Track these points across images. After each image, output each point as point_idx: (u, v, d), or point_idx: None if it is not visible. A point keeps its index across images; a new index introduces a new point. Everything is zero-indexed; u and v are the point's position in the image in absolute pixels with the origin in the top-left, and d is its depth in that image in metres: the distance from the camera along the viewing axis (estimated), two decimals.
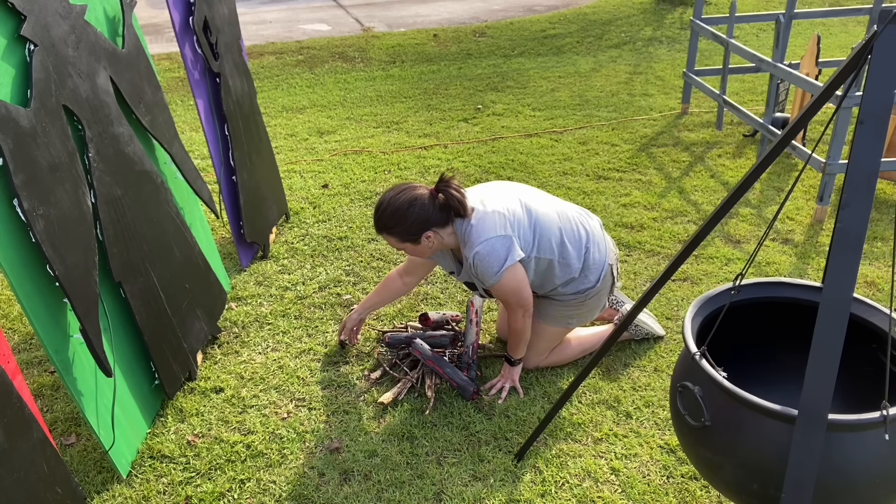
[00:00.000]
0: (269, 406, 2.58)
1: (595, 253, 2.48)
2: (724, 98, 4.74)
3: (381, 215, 2.32)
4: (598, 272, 2.50)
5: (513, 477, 2.24)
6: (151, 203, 2.53)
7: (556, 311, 2.58)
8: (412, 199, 2.28)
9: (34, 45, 2.01)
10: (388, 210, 2.30)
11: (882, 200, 3.94)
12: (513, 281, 2.33)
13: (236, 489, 2.24)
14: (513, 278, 2.33)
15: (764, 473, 1.51)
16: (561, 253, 2.42)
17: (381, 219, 2.32)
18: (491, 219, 2.31)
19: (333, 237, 3.74)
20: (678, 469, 2.25)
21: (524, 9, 9.21)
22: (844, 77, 1.39)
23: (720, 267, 3.36)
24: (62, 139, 2.06)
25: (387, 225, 2.32)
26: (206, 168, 4.60)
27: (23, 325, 3.11)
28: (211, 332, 2.87)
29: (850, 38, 7.37)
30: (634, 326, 2.79)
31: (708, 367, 1.59)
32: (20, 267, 1.91)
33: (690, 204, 3.98)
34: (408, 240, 2.33)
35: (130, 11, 2.60)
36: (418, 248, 2.37)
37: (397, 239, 2.34)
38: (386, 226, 2.32)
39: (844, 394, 1.85)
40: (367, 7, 9.60)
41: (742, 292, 1.84)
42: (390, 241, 2.37)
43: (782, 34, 4.20)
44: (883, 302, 3.00)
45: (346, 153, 4.85)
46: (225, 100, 3.23)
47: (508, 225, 2.32)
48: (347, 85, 6.40)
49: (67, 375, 2.05)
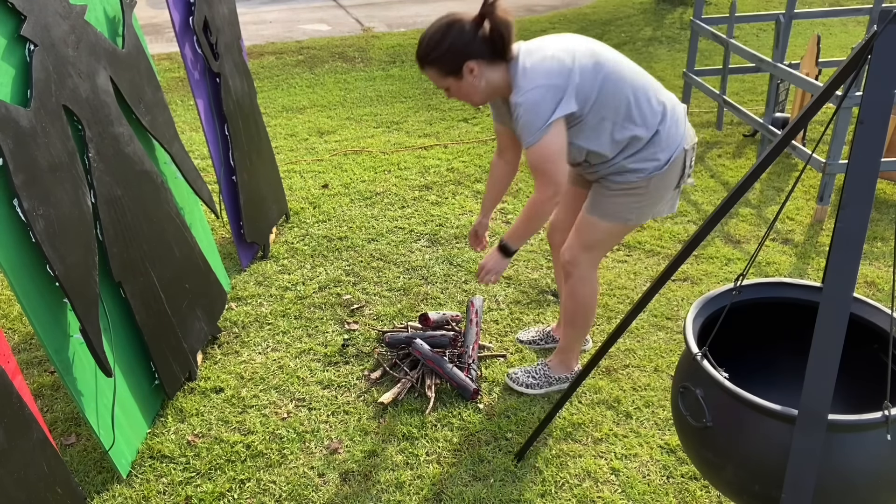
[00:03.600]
0: (269, 406, 2.58)
1: (672, 128, 2.16)
2: (724, 98, 4.74)
3: (420, 44, 2.10)
4: (671, 151, 2.16)
5: (513, 477, 2.24)
6: (151, 203, 2.53)
7: (613, 200, 2.24)
8: (450, 23, 2.05)
9: (34, 45, 2.01)
10: (426, 37, 2.08)
11: (882, 200, 3.94)
12: (553, 146, 2.04)
13: (236, 489, 2.24)
14: (553, 143, 2.04)
15: (765, 474, 1.51)
16: (627, 114, 2.12)
17: (420, 48, 2.10)
18: (549, 63, 2.03)
19: (333, 237, 3.74)
20: (678, 469, 2.25)
21: (524, 9, 9.20)
22: (844, 77, 1.39)
23: (720, 267, 3.36)
24: (62, 139, 2.06)
25: (426, 54, 2.09)
26: (206, 168, 4.60)
27: (23, 325, 3.11)
28: (211, 332, 2.87)
29: (850, 38, 7.37)
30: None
31: (709, 368, 1.59)
32: (20, 267, 1.91)
33: (690, 204, 3.98)
34: (449, 73, 2.09)
35: (130, 11, 2.60)
36: (463, 87, 2.12)
37: (437, 72, 2.11)
38: (425, 55, 2.09)
39: (844, 394, 1.84)
40: (367, 7, 9.60)
41: (743, 293, 1.83)
42: (432, 76, 2.13)
43: (782, 34, 4.20)
44: (883, 302, 3.00)
45: (346, 153, 4.85)
46: (225, 100, 3.23)
47: (567, 72, 2.03)
48: (347, 85, 6.40)
49: (67, 375, 2.05)
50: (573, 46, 2.10)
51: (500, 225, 3.81)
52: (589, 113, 2.09)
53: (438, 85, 2.16)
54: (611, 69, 2.10)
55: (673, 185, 2.24)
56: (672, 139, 2.16)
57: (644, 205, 2.25)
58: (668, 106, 2.18)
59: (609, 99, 2.09)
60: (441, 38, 2.05)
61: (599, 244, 2.34)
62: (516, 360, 2.77)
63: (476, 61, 2.06)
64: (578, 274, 2.38)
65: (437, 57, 2.07)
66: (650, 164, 2.16)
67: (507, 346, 2.86)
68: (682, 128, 2.20)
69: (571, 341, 2.55)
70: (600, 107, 2.09)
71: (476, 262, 3.45)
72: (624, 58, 2.19)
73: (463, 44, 2.03)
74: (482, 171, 4.48)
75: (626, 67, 2.15)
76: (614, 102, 2.09)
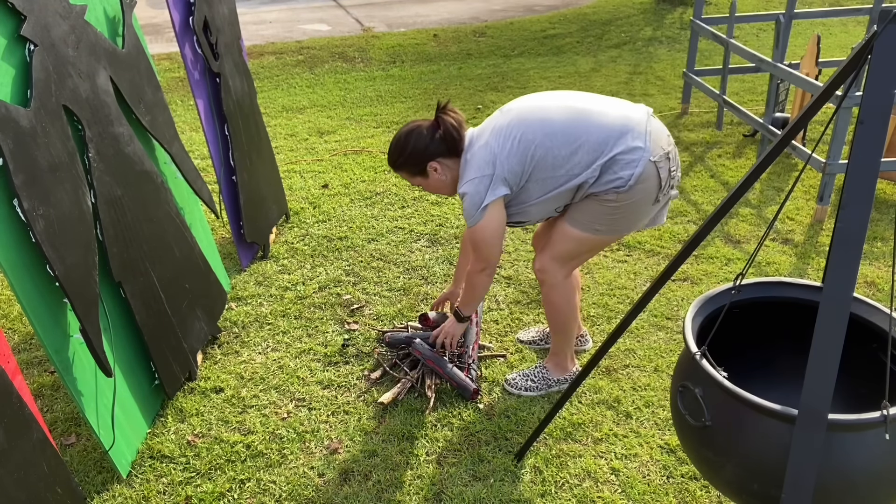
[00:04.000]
0: (269, 406, 2.58)
1: (628, 145, 2.14)
2: (724, 98, 4.74)
3: (389, 152, 2.37)
4: (632, 169, 2.14)
5: (513, 477, 2.24)
6: (151, 203, 2.53)
7: (583, 206, 2.26)
8: (410, 130, 2.32)
9: (34, 45, 2.01)
10: (392, 145, 2.35)
11: (882, 200, 3.94)
12: (487, 228, 2.24)
13: (236, 489, 2.24)
14: (488, 226, 2.23)
15: (764, 473, 1.51)
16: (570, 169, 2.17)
17: (389, 156, 2.37)
18: (480, 154, 2.22)
19: (333, 237, 3.74)
20: (678, 469, 2.25)
21: (524, 9, 9.21)
22: (844, 77, 1.39)
23: (720, 267, 3.36)
24: (62, 139, 2.06)
25: (394, 161, 2.36)
26: (206, 168, 4.60)
27: (23, 325, 3.11)
28: (211, 332, 2.87)
29: (850, 38, 7.37)
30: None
31: (708, 367, 1.59)
32: (20, 267, 1.91)
33: (690, 204, 3.98)
34: (416, 173, 2.35)
35: (130, 11, 2.60)
36: (432, 183, 2.37)
37: (407, 173, 2.37)
38: (394, 161, 2.36)
39: (844, 394, 1.84)
40: (367, 7, 9.60)
41: (742, 292, 1.83)
42: (404, 176, 2.39)
43: (782, 34, 4.20)
44: (883, 302, 3.00)
45: (346, 153, 4.85)
46: (225, 100, 3.23)
47: (493, 161, 2.20)
48: (347, 85, 6.40)
49: (67, 375, 2.05)
50: (505, 124, 2.23)
51: None
52: (528, 183, 2.23)
53: (412, 183, 2.41)
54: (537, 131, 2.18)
55: (650, 199, 2.22)
56: (631, 158, 2.15)
57: (617, 218, 2.24)
58: (618, 127, 2.17)
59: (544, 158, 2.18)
60: (404, 145, 2.31)
61: (570, 254, 2.36)
62: (516, 361, 2.77)
63: (437, 160, 2.30)
64: (549, 282, 2.41)
65: (403, 162, 2.33)
66: (614, 183, 2.17)
67: (507, 346, 2.86)
68: (643, 142, 2.16)
69: (559, 345, 2.57)
70: (536, 178, 2.21)
71: None
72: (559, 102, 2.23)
73: (423, 147, 2.29)
74: None
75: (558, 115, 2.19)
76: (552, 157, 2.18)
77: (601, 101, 2.25)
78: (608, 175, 2.16)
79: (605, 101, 2.25)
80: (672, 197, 2.31)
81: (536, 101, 2.27)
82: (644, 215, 2.27)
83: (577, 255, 2.37)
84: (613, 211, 2.22)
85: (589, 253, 2.39)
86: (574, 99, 2.25)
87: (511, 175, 2.20)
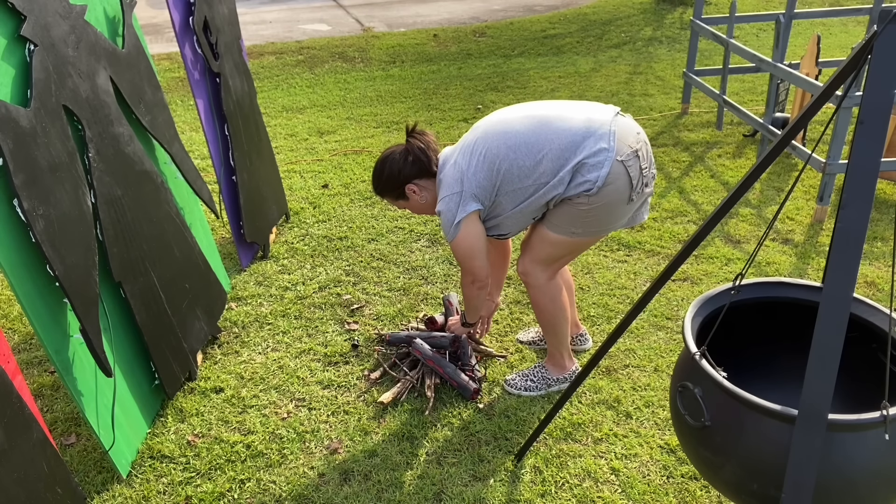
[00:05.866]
0: (269, 406, 2.58)
1: (593, 148, 2.15)
2: (724, 98, 4.74)
3: (372, 180, 2.46)
4: (598, 171, 2.14)
5: (513, 477, 2.24)
6: (151, 203, 2.53)
7: (559, 210, 2.27)
8: (385, 157, 2.40)
9: (34, 45, 2.01)
10: (373, 173, 2.43)
11: (882, 200, 3.94)
12: (464, 243, 2.30)
13: (236, 489, 2.24)
14: (464, 241, 2.29)
15: (764, 473, 1.51)
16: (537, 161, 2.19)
17: (372, 183, 2.46)
18: (450, 173, 2.29)
19: (333, 237, 3.74)
20: (678, 469, 2.25)
21: (524, 9, 9.21)
22: (844, 77, 1.39)
23: (720, 267, 3.36)
24: (62, 139, 2.06)
25: (375, 188, 2.45)
26: (206, 168, 4.60)
27: (23, 325, 3.11)
28: (211, 332, 2.87)
29: (850, 38, 7.37)
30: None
31: (708, 367, 1.59)
32: (20, 267, 1.91)
33: (690, 204, 3.98)
34: (397, 197, 2.42)
35: (130, 11, 2.60)
36: (413, 204, 2.44)
37: (390, 198, 2.45)
38: (375, 188, 2.45)
39: (844, 394, 1.84)
40: (367, 7, 9.60)
41: (742, 292, 1.83)
42: (389, 201, 2.47)
43: (782, 34, 4.20)
44: (883, 302, 3.00)
45: (346, 153, 4.85)
46: (225, 100, 3.23)
47: (460, 179, 2.26)
48: (347, 85, 6.40)
49: (67, 375, 2.05)
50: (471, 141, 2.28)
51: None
52: (499, 197, 2.27)
53: (397, 207, 2.54)
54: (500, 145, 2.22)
55: (623, 199, 2.21)
56: (596, 160, 2.15)
57: (591, 220, 2.24)
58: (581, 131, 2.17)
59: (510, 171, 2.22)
60: (380, 172, 2.39)
61: (550, 257, 2.38)
62: (516, 361, 2.77)
63: (414, 182, 2.37)
64: (535, 284, 2.44)
65: (382, 188, 2.41)
66: (583, 187, 2.18)
67: (507, 346, 2.87)
68: (608, 143, 2.15)
69: (553, 345, 2.58)
70: (504, 182, 2.24)
71: None
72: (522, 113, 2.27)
73: (397, 171, 2.36)
74: None
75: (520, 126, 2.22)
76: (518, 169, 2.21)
77: (565, 107, 2.26)
78: (577, 179, 2.18)
79: (568, 107, 2.26)
80: (647, 195, 2.31)
81: (500, 115, 2.31)
82: (620, 215, 2.26)
83: (557, 257, 2.39)
84: (587, 214, 2.22)
85: (570, 255, 2.41)
86: (536, 108, 2.28)
87: (480, 190, 2.25)
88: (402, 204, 2.45)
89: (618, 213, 2.25)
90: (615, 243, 3.59)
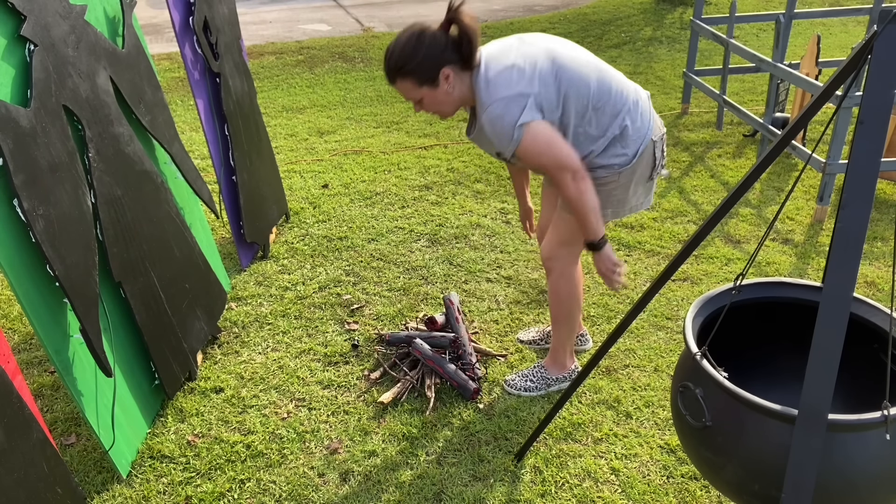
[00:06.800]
0: (269, 406, 2.58)
1: (638, 121, 2.15)
2: (724, 98, 4.74)
3: (391, 57, 2.05)
4: (637, 145, 2.15)
5: (513, 477, 2.24)
6: (151, 203, 2.53)
7: None
8: (422, 31, 2.03)
9: (34, 45, 2.01)
10: (397, 48, 2.04)
11: (882, 200, 3.94)
12: (538, 138, 2.04)
13: (236, 489, 2.24)
14: (536, 136, 2.03)
15: (765, 474, 1.51)
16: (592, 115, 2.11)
17: (391, 61, 2.05)
18: (508, 74, 2.04)
19: (333, 237, 3.74)
20: (678, 469, 2.25)
21: (524, 9, 9.21)
22: (844, 77, 1.39)
23: (720, 267, 3.36)
24: (62, 139, 2.06)
25: (398, 66, 2.04)
26: (206, 168, 4.60)
27: (23, 325, 3.11)
28: (211, 332, 2.87)
29: (850, 38, 7.37)
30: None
31: (709, 368, 1.59)
32: (20, 267, 1.91)
33: (690, 204, 3.98)
34: (425, 82, 2.05)
35: (130, 11, 2.60)
36: (438, 95, 2.08)
37: (413, 83, 2.06)
38: (398, 67, 2.04)
39: (844, 394, 1.84)
40: (367, 7, 9.60)
41: (743, 292, 1.83)
42: (405, 88, 2.09)
43: (782, 34, 4.20)
44: (883, 302, 3.00)
45: (346, 153, 4.85)
46: (225, 100, 3.23)
47: (527, 81, 2.03)
48: (347, 85, 6.40)
49: (67, 375, 2.05)
50: (534, 53, 2.09)
51: (500, 225, 3.81)
52: (557, 116, 2.10)
53: (410, 97, 2.11)
54: (572, 74, 2.08)
55: (645, 177, 2.26)
56: (639, 132, 2.17)
57: (615, 199, 2.25)
58: (632, 99, 2.18)
59: (572, 103, 2.09)
60: (416, 48, 2.01)
61: (575, 239, 2.33)
62: (516, 361, 2.77)
63: (451, 67, 2.04)
64: (558, 269, 2.40)
65: (413, 67, 2.03)
66: (618, 159, 2.17)
67: (507, 346, 2.86)
68: (647, 120, 2.20)
69: (561, 339, 2.55)
70: (564, 112, 2.10)
71: (475, 262, 3.45)
72: (585, 55, 2.17)
73: (439, 51, 2.02)
74: (482, 171, 4.48)
75: (588, 67, 2.13)
76: (578, 106, 2.10)
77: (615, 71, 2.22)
78: (614, 149, 2.15)
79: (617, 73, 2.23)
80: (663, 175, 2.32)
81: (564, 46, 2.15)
82: (637, 194, 2.29)
83: (575, 240, 2.33)
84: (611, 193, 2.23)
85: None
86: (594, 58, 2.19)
87: (547, 104, 2.05)
88: (423, 92, 2.08)
89: (638, 192, 2.28)
90: (615, 243, 3.59)
